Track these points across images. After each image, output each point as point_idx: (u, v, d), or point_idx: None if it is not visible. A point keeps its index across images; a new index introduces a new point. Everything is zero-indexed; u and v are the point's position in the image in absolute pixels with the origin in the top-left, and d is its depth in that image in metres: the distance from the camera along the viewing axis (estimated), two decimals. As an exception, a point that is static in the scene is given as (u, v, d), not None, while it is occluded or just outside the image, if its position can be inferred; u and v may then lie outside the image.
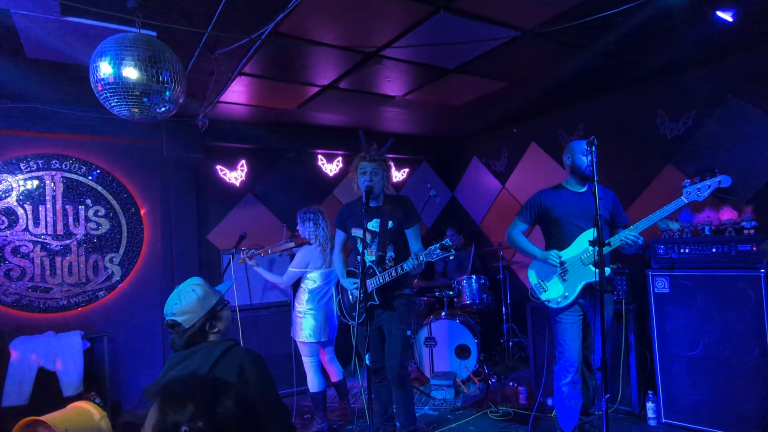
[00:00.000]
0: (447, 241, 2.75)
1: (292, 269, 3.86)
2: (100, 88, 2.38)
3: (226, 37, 2.95)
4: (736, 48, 3.62)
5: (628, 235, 2.87)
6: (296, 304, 3.85)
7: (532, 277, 3.20)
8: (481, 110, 5.06)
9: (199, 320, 1.81)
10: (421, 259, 2.83)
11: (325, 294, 3.84)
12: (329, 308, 3.84)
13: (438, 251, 2.75)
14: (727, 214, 3.48)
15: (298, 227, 3.97)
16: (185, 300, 1.82)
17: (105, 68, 2.32)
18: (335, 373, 3.99)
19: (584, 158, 3.03)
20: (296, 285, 3.97)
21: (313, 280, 3.81)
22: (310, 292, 3.79)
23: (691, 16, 3.00)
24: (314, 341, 3.75)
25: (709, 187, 2.71)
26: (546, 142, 5.36)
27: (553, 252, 3.03)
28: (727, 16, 2.93)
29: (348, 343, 3.30)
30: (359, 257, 3.16)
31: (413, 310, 3.30)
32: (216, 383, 1.08)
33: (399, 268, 2.94)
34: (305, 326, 3.74)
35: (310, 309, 3.77)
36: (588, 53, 3.55)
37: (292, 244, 4.15)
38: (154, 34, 2.73)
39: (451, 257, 2.77)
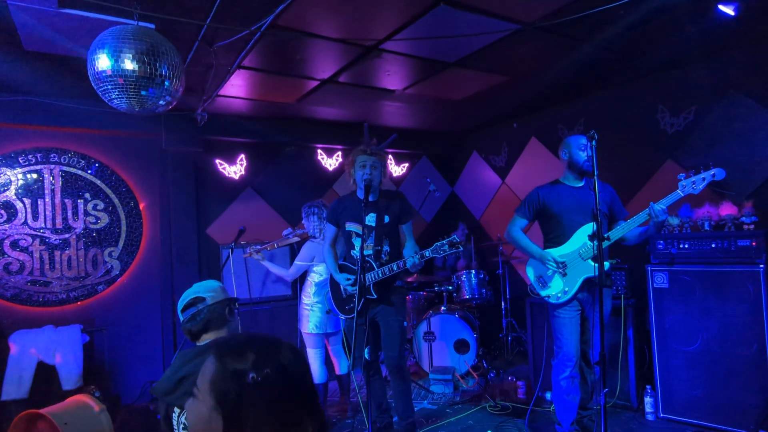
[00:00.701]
0: (455, 238, 2.75)
1: (298, 262, 3.95)
2: (98, 81, 2.37)
3: (225, 29, 2.94)
4: (737, 42, 3.60)
5: (625, 226, 2.90)
6: (303, 297, 3.93)
7: (531, 273, 3.20)
8: (481, 105, 5.04)
9: (222, 301, 1.94)
10: (427, 255, 2.82)
11: None
12: None
13: (446, 247, 2.75)
14: (727, 210, 3.48)
15: (302, 221, 4.04)
16: (209, 284, 1.98)
17: (103, 61, 2.31)
18: (339, 366, 4.03)
19: (582, 153, 3.03)
20: (303, 278, 4.05)
21: (319, 273, 3.87)
22: (316, 285, 3.86)
23: (693, 9, 2.98)
24: (320, 332, 3.83)
25: (704, 180, 2.72)
26: (546, 136, 5.34)
27: (549, 256, 3.03)
28: (728, 10, 2.91)
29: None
30: (353, 251, 3.16)
31: (405, 299, 3.32)
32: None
33: (400, 264, 2.94)
34: (312, 318, 3.83)
35: (317, 302, 3.84)
36: (589, 47, 3.54)
37: (297, 239, 4.24)
38: (153, 26, 2.71)
39: (460, 250, 2.79)
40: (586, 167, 3.02)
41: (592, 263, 2.92)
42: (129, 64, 2.31)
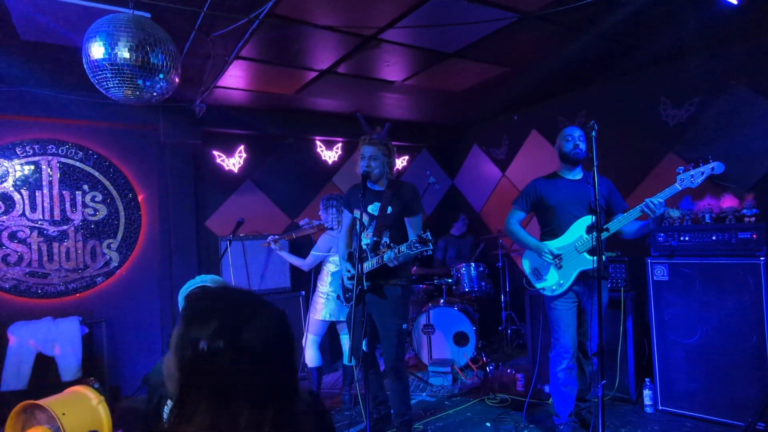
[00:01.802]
0: (427, 234, 2.68)
1: (315, 253, 4.02)
2: (93, 70, 2.35)
3: (223, 17, 2.90)
4: (740, 33, 3.56)
5: (622, 219, 2.87)
6: (319, 285, 4.00)
7: (526, 266, 3.19)
8: (481, 96, 5.01)
9: None
10: (403, 250, 2.77)
11: None
12: None
13: (417, 244, 2.69)
14: (728, 202, 3.45)
15: (320, 213, 4.10)
16: (213, 277, 1.96)
17: (98, 50, 2.29)
18: (346, 356, 4.07)
19: (567, 143, 3.04)
20: (318, 268, 4.13)
21: (335, 263, 3.93)
22: (332, 274, 3.93)
23: (696, -2, 2.95)
24: (330, 320, 3.92)
25: (703, 173, 2.70)
26: (547, 129, 5.31)
27: (546, 247, 3.01)
28: (731, -1, 2.88)
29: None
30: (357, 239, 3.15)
31: (408, 301, 3.25)
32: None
33: (380, 259, 2.91)
34: (327, 306, 3.90)
35: (333, 291, 3.90)
36: (590, 38, 3.50)
37: (314, 230, 4.33)
38: (148, 15, 2.68)
39: (429, 252, 2.70)
40: (572, 155, 3.01)
41: (588, 256, 2.91)
42: (124, 53, 2.29)
